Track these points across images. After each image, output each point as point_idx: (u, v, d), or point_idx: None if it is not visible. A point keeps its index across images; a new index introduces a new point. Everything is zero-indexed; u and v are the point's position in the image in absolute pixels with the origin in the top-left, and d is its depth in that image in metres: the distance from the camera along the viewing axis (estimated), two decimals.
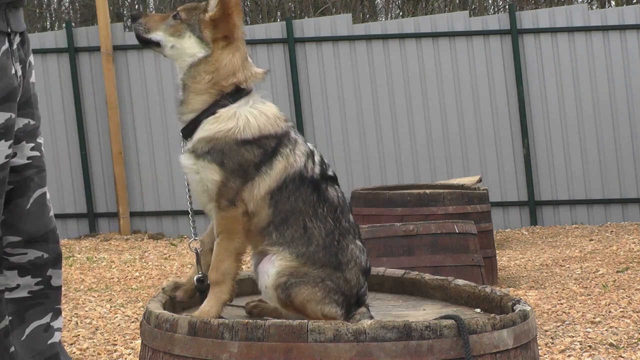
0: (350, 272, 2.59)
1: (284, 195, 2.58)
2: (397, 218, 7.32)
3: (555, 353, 4.85)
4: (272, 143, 2.59)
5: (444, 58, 11.33)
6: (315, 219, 2.59)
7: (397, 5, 21.49)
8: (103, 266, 8.59)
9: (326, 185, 2.65)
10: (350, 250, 2.61)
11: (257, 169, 2.57)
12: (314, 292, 2.53)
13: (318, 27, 11.37)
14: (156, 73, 11.25)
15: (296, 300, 2.52)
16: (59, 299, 3.12)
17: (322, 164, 2.67)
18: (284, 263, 2.55)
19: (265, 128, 2.61)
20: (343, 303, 2.56)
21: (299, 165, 2.61)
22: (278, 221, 2.57)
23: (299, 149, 2.64)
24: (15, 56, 2.92)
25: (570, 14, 11.36)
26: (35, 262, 3.05)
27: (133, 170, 11.19)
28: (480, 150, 11.32)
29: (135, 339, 5.34)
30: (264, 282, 2.57)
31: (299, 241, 2.56)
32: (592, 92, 11.32)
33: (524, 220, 11.34)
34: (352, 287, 2.58)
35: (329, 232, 2.59)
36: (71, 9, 22.33)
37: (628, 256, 8.33)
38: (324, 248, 2.57)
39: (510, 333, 2.36)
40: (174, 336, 2.37)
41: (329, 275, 2.55)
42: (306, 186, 2.60)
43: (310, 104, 11.27)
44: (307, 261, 2.55)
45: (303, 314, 2.55)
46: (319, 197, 2.61)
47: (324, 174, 2.66)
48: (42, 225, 3.06)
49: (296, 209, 2.58)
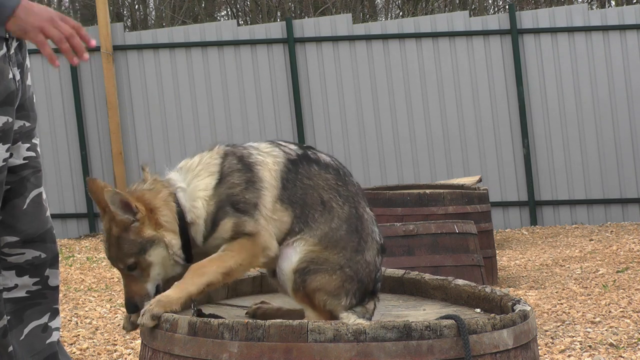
0: (369, 251, 2.59)
1: (291, 185, 2.57)
2: (397, 218, 7.32)
3: (555, 353, 4.85)
4: (238, 165, 2.57)
5: (444, 58, 11.33)
6: (327, 188, 2.58)
7: (397, 5, 21.49)
8: (103, 266, 8.59)
9: (314, 152, 2.65)
10: (366, 221, 2.61)
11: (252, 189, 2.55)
12: (329, 281, 2.52)
13: (318, 27, 11.37)
14: (156, 73, 11.25)
15: (309, 287, 2.52)
16: (56, 298, 3.13)
17: (289, 143, 2.67)
18: (307, 248, 2.54)
19: (214, 170, 2.57)
20: (357, 291, 2.56)
21: (280, 156, 2.61)
22: (299, 212, 2.57)
23: (260, 149, 2.63)
24: (13, 60, 2.93)
25: (570, 14, 11.36)
26: (32, 262, 3.06)
27: (133, 170, 11.18)
28: (480, 150, 11.32)
29: (135, 339, 5.34)
30: (285, 266, 2.55)
31: (320, 219, 2.56)
32: (592, 92, 11.32)
33: (524, 220, 11.34)
34: (371, 270, 2.59)
35: (344, 198, 2.59)
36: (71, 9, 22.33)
37: (628, 256, 8.33)
38: (345, 221, 2.56)
39: (510, 333, 2.36)
40: (174, 336, 2.37)
41: (349, 259, 2.55)
42: (300, 162, 2.60)
43: (310, 104, 11.27)
44: (328, 244, 2.54)
45: (310, 302, 2.54)
46: (318, 164, 2.61)
47: (303, 147, 2.66)
48: (39, 225, 3.07)
49: (307, 187, 2.58)
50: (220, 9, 22.40)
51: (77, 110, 11.12)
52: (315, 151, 2.67)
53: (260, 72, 11.30)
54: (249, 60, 11.29)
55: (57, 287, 3.13)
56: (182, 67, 11.28)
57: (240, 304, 2.84)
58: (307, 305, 2.56)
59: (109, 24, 11.09)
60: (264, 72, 11.30)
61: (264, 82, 11.30)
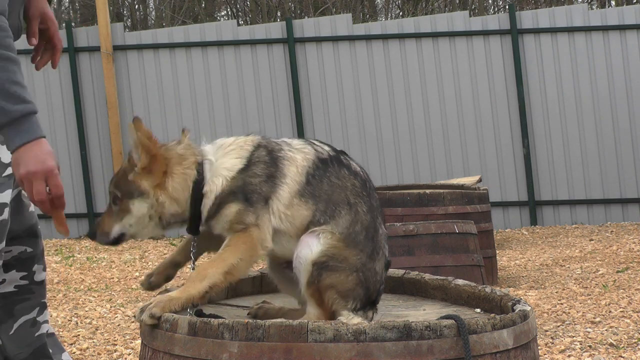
0: (379, 262, 2.60)
1: (316, 181, 2.58)
2: (397, 218, 7.32)
3: (555, 353, 4.85)
4: (266, 157, 2.60)
5: (444, 58, 11.33)
6: (355, 193, 2.59)
7: (397, 5, 21.49)
8: (103, 266, 8.60)
9: (346, 157, 2.67)
10: (380, 235, 2.62)
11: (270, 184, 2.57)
12: (343, 282, 2.53)
13: (318, 27, 11.38)
14: (156, 73, 11.25)
15: (324, 282, 2.51)
16: (44, 293, 3.16)
17: (323, 144, 2.68)
18: (331, 242, 2.53)
19: (234, 179, 2.59)
20: (364, 298, 2.56)
21: (310, 153, 2.62)
22: (322, 207, 2.57)
23: (292, 146, 2.65)
24: None
25: (570, 14, 11.36)
26: (18, 257, 3.07)
27: None
28: (480, 150, 11.33)
29: (135, 339, 5.34)
30: (304, 255, 2.53)
31: (345, 217, 2.57)
32: (592, 92, 11.33)
33: (524, 220, 11.34)
34: (378, 281, 2.59)
35: (368, 207, 2.60)
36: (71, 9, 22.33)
37: (628, 256, 8.33)
38: (366, 228, 2.57)
39: (510, 333, 2.36)
40: (174, 336, 2.37)
41: (364, 264, 2.55)
42: (331, 162, 2.62)
43: (310, 104, 11.28)
44: (350, 243, 2.54)
45: (319, 297, 2.53)
46: (349, 169, 2.63)
47: (337, 150, 2.67)
48: (23, 221, 3.08)
49: (335, 184, 2.58)
50: (220, 9, 22.41)
51: (77, 110, 11.12)
52: (348, 158, 2.68)
53: (260, 72, 11.31)
54: (249, 60, 11.29)
55: (43, 281, 3.15)
56: (182, 67, 11.28)
57: (240, 304, 2.84)
58: (314, 300, 2.55)
59: (109, 24, 11.09)
60: (264, 72, 11.30)
61: (264, 82, 11.30)
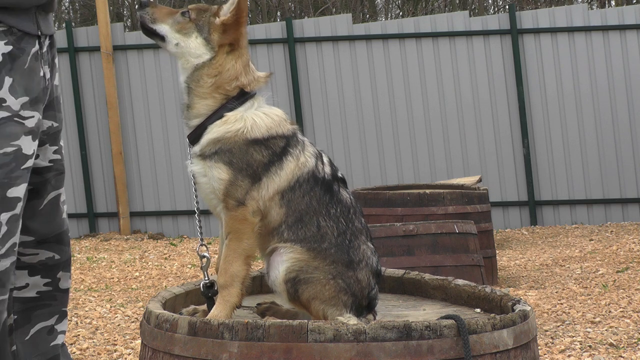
0: (361, 272, 2.58)
1: (298, 195, 2.58)
2: (397, 218, 7.32)
3: (555, 353, 4.85)
4: (281, 143, 2.60)
5: (444, 58, 11.33)
6: (328, 218, 2.58)
7: (397, 5, 21.49)
8: (103, 266, 8.60)
9: (338, 186, 2.65)
10: (362, 251, 2.61)
11: (265, 169, 2.56)
12: (322, 290, 2.52)
13: (318, 27, 11.37)
14: (156, 73, 11.25)
15: (303, 297, 2.52)
16: (66, 301, 3.13)
17: (331, 165, 2.68)
18: (295, 256, 2.53)
19: (272, 129, 2.60)
20: (352, 305, 2.55)
21: (311, 166, 2.62)
22: (291, 221, 2.56)
23: (307, 150, 2.64)
24: (45, 59, 2.93)
25: (570, 14, 11.36)
26: (45, 263, 3.05)
27: (133, 170, 11.19)
28: (480, 150, 11.32)
29: (135, 339, 5.34)
30: (275, 276, 2.55)
31: (311, 239, 2.55)
32: (592, 92, 11.32)
33: (524, 220, 11.34)
34: (363, 287, 2.57)
35: (342, 231, 2.58)
36: (71, 9, 22.33)
37: (628, 256, 8.33)
38: (336, 245, 2.56)
39: (510, 333, 2.36)
40: (174, 336, 2.37)
41: (341, 273, 2.54)
42: (319, 186, 2.60)
43: (310, 104, 11.28)
44: (317, 255, 2.54)
45: (307, 309, 2.55)
46: (332, 197, 2.61)
47: (335, 175, 2.66)
48: (54, 226, 3.06)
49: (310, 208, 2.57)
50: None
51: (77, 110, 11.12)
52: (341, 186, 2.67)
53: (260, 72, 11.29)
54: None
55: (67, 290, 3.13)
56: None
57: (249, 304, 2.83)
58: (306, 312, 2.57)
59: (109, 24, 11.09)
60: (263, 72, 11.28)
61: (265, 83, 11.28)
